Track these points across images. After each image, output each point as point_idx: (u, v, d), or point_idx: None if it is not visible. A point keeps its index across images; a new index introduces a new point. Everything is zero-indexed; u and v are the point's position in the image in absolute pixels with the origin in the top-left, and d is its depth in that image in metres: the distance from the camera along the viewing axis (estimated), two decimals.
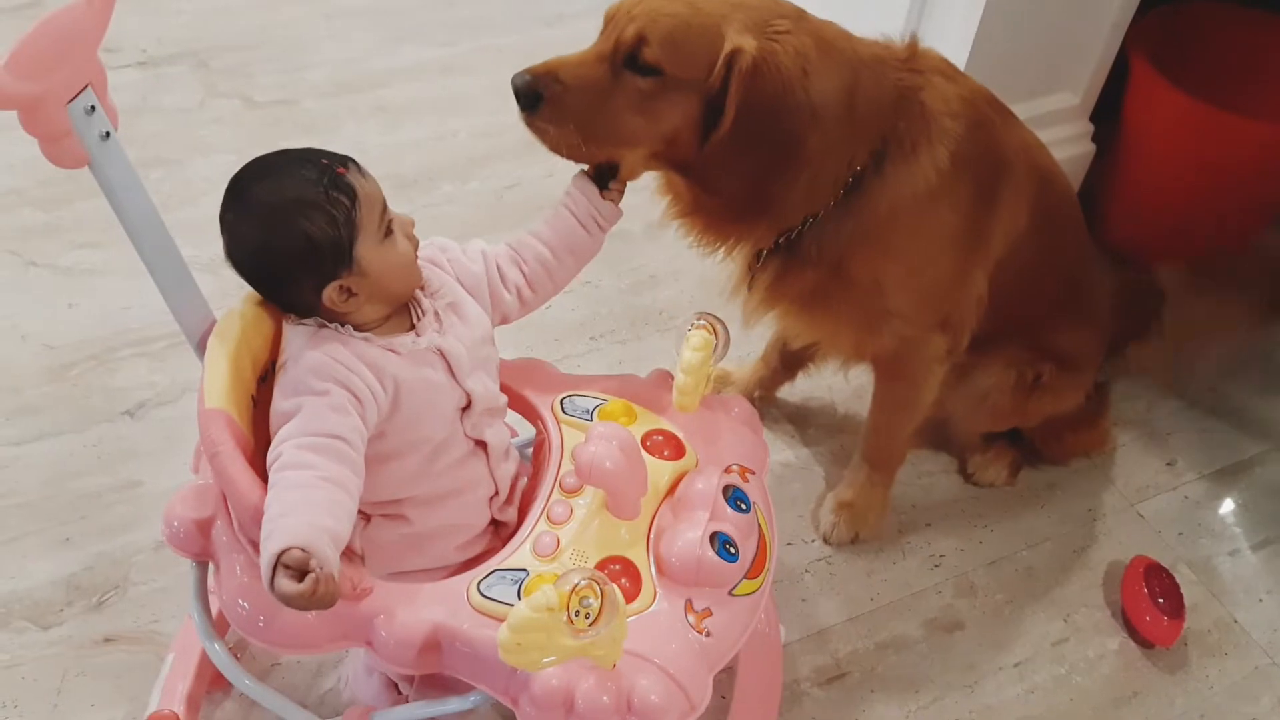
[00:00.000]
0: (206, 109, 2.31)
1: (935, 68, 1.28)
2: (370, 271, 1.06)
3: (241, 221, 1.04)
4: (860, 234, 1.28)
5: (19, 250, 1.97)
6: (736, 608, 1.05)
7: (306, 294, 1.06)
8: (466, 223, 2.10)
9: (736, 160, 1.18)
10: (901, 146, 1.25)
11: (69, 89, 0.96)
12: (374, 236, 1.05)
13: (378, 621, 1.02)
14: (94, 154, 1.01)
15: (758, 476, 1.18)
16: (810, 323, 1.43)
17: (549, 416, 1.21)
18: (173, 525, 1.11)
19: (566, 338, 1.92)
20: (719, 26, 1.13)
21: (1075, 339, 1.58)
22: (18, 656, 1.44)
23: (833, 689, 1.49)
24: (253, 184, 1.04)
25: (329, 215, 1.02)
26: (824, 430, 1.82)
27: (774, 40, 1.14)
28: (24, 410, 1.73)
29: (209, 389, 1.06)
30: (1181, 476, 1.80)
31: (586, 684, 0.95)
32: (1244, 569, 1.69)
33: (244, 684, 1.14)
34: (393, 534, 1.14)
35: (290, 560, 0.91)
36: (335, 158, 1.05)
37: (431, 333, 1.11)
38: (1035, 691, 1.51)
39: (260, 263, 1.06)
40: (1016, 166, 1.36)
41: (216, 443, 1.03)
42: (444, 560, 1.17)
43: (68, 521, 1.59)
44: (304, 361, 1.05)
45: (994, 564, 1.66)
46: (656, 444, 1.16)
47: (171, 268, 1.12)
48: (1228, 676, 1.55)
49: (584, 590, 0.89)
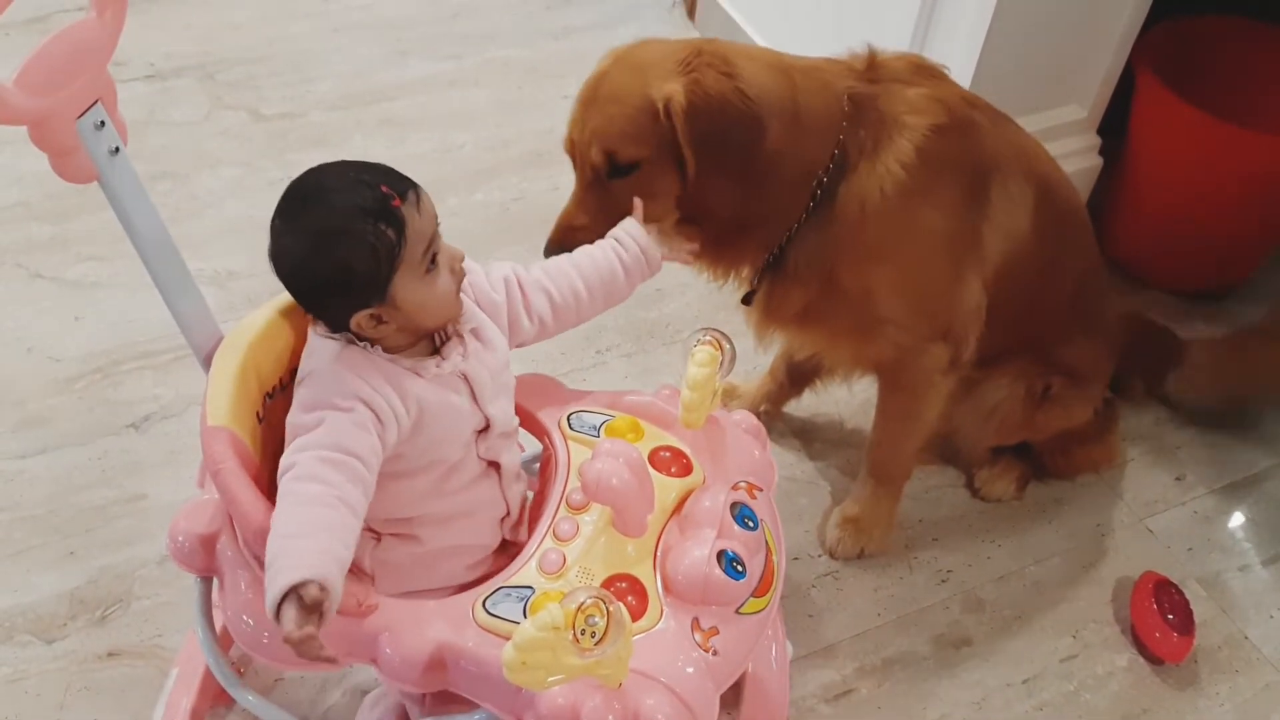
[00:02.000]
0: (213, 122, 2.32)
1: (895, 77, 1.30)
2: (404, 306, 1.04)
3: (287, 234, 1.02)
4: (839, 241, 1.30)
5: (25, 263, 1.98)
6: (743, 626, 1.05)
7: (337, 314, 1.05)
8: (472, 235, 2.10)
9: (713, 189, 1.25)
10: (863, 149, 1.27)
11: (78, 104, 0.96)
12: (415, 271, 1.03)
13: (383, 639, 1.02)
14: (102, 169, 1.01)
15: (765, 493, 1.17)
16: (809, 337, 1.45)
17: (556, 433, 1.21)
18: (178, 540, 1.11)
19: (573, 351, 1.92)
20: (644, 94, 1.21)
21: (1084, 352, 1.58)
22: (21, 670, 1.44)
23: (840, 705, 1.48)
24: (307, 200, 1.02)
25: (371, 248, 0.99)
26: (830, 445, 1.81)
27: (695, 71, 1.20)
28: (29, 423, 1.73)
29: (212, 406, 1.06)
30: (1191, 491, 1.79)
31: (593, 702, 0.95)
32: (1254, 585, 1.67)
33: (247, 700, 1.14)
34: (403, 553, 1.13)
35: (308, 597, 0.89)
36: (397, 185, 1.02)
37: (456, 357, 1.10)
38: (1044, 708, 1.50)
39: (297, 278, 1.04)
40: (1008, 168, 1.36)
41: (219, 460, 1.02)
42: (454, 579, 1.16)
43: (72, 535, 1.58)
44: (330, 376, 1.04)
45: (1002, 579, 1.65)
46: (664, 460, 1.15)
47: (179, 283, 1.12)
48: (1239, 693, 1.54)
49: (590, 609, 0.88)
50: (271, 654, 1.05)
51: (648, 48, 1.26)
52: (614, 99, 1.22)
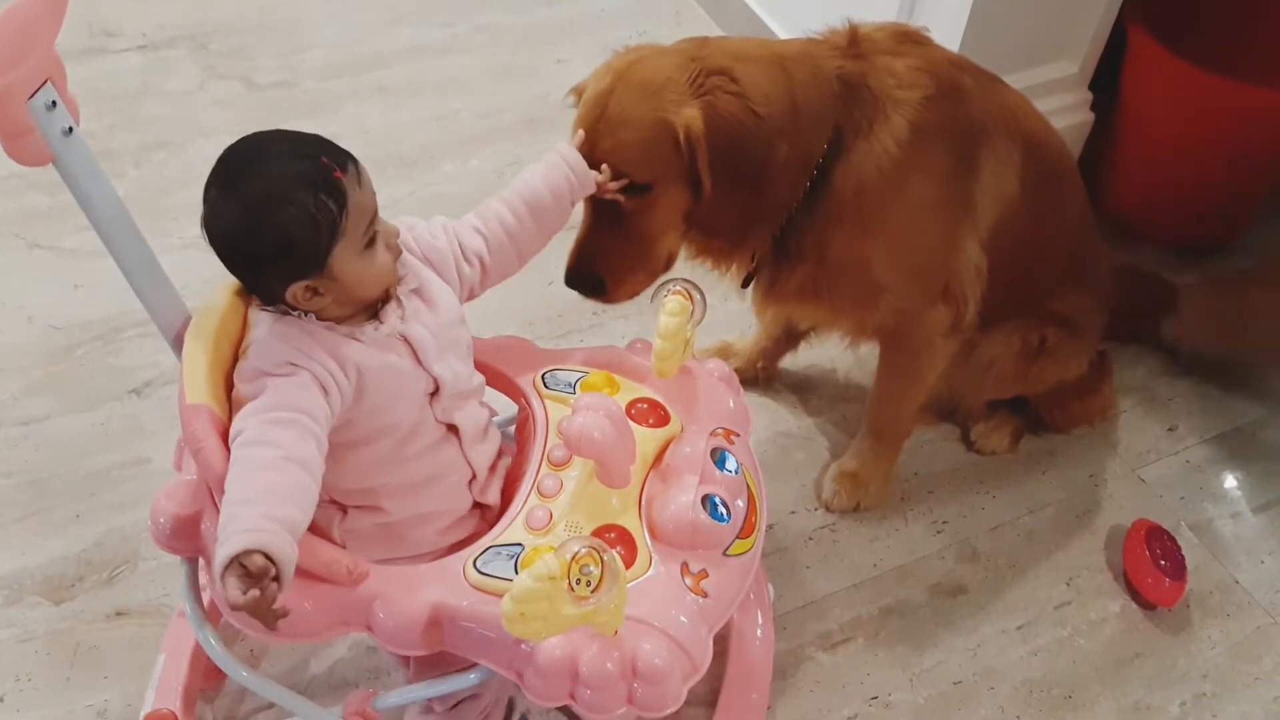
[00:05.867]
0: (207, 91, 2.32)
1: (879, 49, 1.30)
2: (342, 279, 1.03)
3: (224, 202, 1.00)
4: (835, 218, 1.31)
5: (23, 233, 1.98)
6: (731, 568, 1.07)
7: (273, 285, 1.03)
8: (467, 200, 2.06)
9: (726, 202, 1.25)
10: (858, 130, 1.28)
11: (28, 86, 0.92)
12: (354, 246, 1.02)
13: (376, 605, 1.03)
14: (57, 150, 0.97)
15: (742, 439, 1.19)
16: (810, 310, 1.48)
17: (532, 393, 1.22)
18: (159, 522, 1.10)
19: (569, 313, 1.93)
20: (658, 118, 1.21)
21: (1078, 303, 1.59)
22: (31, 631, 1.46)
23: (836, 653, 1.50)
24: (245, 166, 1.00)
25: (312, 219, 0.98)
26: (827, 400, 1.83)
27: (707, 94, 1.20)
28: (32, 390, 1.74)
29: (189, 384, 1.04)
30: (1183, 442, 1.81)
31: (590, 652, 0.97)
32: (1246, 531, 1.69)
33: (240, 675, 1.12)
34: (370, 524, 1.13)
35: (252, 566, 0.89)
36: (336, 158, 1.01)
37: (394, 319, 1.09)
38: (1038, 654, 1.52)
39: (233, 247, 1.02)
40: (996, 130, 1.36)
41: (199, 438, 1.01)
42: (429, 546, 1.16)
43: (78, 499, 1.60)
44: (266, 347, 1.04)
45: (996, 529, 1.67)
46: (641, 412, 1.17)
47: (141, 263, 1.09)
48: (1229, 637, 1.56)
49: (584, 558, 0.90)
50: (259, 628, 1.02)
51: (649, 65, 1.23)
52: (625, 123, 1.22)
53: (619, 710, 0.97)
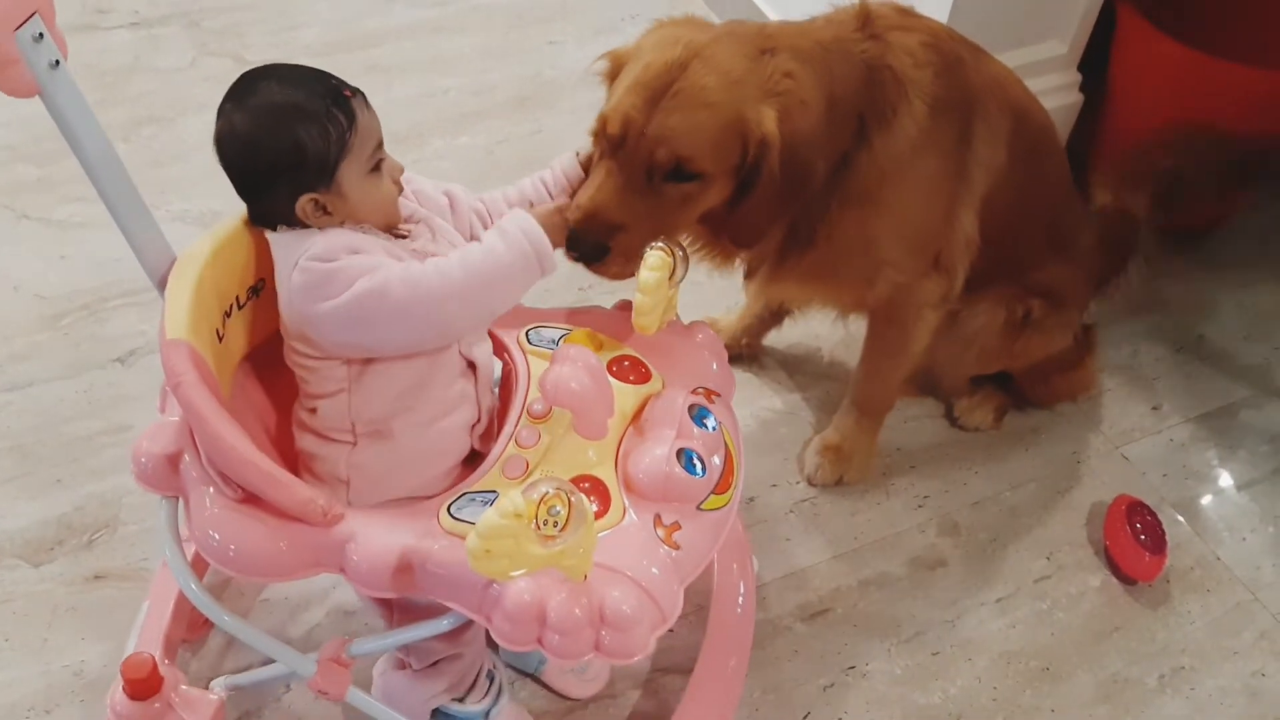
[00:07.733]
0: (198, 68, 2.32)
1: (891, 24, 1.30)
2: (348, 196, 1.07)
3: (239, 112, 1.05)
4: (854, 203, 1.30)
5: (11, 204, 1.99)
6: (705, 522, 1.07)
7: (281, 200, 1.07)
8: (457, 177, 2.08)
9: (760, 213, 1.24)
10: (882, 116, 1.27)
11: (14, 16, 0.94)
12: (361, 165, 1.08)
13: (349, 547, 1.03)
14: (43, 82, 0.99)
15: (723, 399, 1.19)
16: (810, 291, 1.48)
17: (515, 348, 1.22)
18: (140, 461, 1.11)
19: (556, 289, 1.93)
20: (739, 112, 1.16)
21: (1061, 275, 1.59)
22: (10, 593, 1.46)
23: (815, 624, 1.50)
24: (260, 82, 1.06)
25: (323, 128, 1.04)
26: (811, 376, 1.83)
27: (779, 95, 1.17)
28: (16, 358, 1.75)
29: (170, 320, 1.05)
30: (1166, 420, 1.81)
31: (559, 597, 0.96)
32: (1227, 509, 1.69)
33: (223, 620, 1.13)
34: (378, 457, 1.14)
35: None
36: (345, 83, 1.09)
37: (425, 239, 1.13)
38: (1017, 626, 1.52)
39: (247, 157, 1.06)
40: (988, 102, 1.37)
41: (179, 373, 1.02)
42: (429, 489, 1.16)
43: (59, 464, 1.61)
44: (333, 239, 1.06)
45: (978, 504, 1.67)
46: (623, 369, 1.17)
47: (128, 201, 1.10)
48: (1209, 612, 1.56)
49: (552, 499, 0.90)
50: (239, 566, 1.05)
51: (726, 49, 1.17)
52: (704, 104, 1.15)
53: (586, 655, 0.97)
